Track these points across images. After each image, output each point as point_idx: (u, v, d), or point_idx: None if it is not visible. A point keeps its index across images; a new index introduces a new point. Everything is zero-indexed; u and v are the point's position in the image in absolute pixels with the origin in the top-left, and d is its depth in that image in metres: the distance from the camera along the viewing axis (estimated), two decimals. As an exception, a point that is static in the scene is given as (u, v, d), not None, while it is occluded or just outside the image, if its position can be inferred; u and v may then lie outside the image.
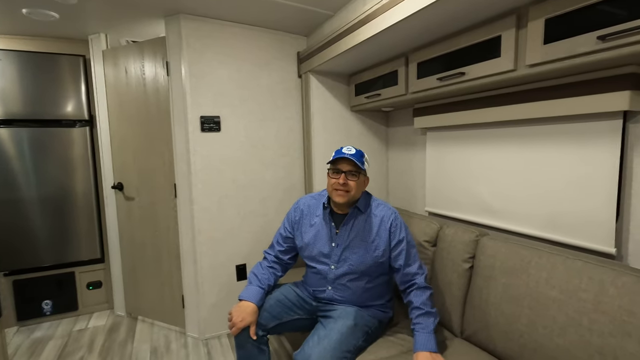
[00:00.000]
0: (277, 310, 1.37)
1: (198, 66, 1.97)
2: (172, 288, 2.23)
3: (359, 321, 1.30)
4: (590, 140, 1.21)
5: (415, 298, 1.27)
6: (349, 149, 1.35)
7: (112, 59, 2.21)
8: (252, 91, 2.13)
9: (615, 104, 1.08)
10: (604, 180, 1.18)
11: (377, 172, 2.35)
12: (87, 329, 2.31)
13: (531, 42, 1.12)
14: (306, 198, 1.55)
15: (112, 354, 2.01)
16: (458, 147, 1.75)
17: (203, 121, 2.01)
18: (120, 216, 2.38)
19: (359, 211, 1.40)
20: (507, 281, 1.23)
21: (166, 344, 2.11)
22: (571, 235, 1.29)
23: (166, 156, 2.11)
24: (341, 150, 1.35)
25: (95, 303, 2.53)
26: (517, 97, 1.37)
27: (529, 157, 1.42)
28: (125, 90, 2.20)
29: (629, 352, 0.90)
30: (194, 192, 2.02)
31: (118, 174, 2.33)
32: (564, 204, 1.31)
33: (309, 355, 1.13)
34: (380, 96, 1.89)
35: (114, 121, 2.29)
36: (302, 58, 2.17)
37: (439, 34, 1.46)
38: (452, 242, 1.48)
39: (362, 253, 1.36)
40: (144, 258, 2.32)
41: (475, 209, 1.69)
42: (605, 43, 0.93)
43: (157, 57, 2.05)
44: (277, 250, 1.52)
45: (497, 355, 1.24)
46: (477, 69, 1.31)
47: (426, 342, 1.18)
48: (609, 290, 0.97)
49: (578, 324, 1.01)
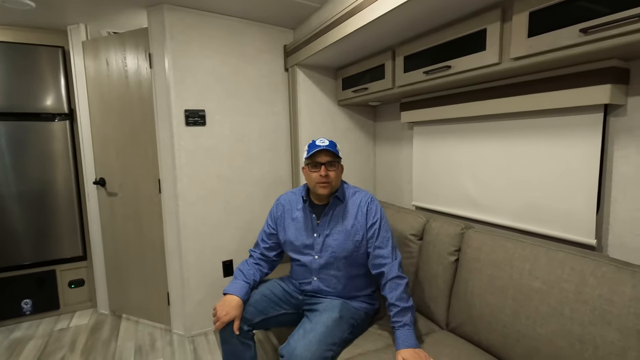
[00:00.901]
0: (263, 305, 1.36)
1: (182, 59, 1.92)
2: (157, 285, 2.19)
3: (345, 314, 1.30)
4: (573, 134, 1.23)
5: (390, 293, 1.26)
6: (322, 140, 1.35)
7: (93, 51, 2.15)
8: (238, 85, 2.10)
9: (597, 98, 1.09)
10: (585, 173, 1.20)
11: (364, 167, 2.35)
12: (69, 328, 2.25)
13: (515, 36, 1.12)
14: (287, 194, 1.55)
15: (94, 353, 1.97)
16: (444, 142, 1.76)
17: (188, 115, 1.97)
18: (102, 212, 2.32)
19: (339, 200, 1.40)
20: (492, 273, 1.24)
21: (151, 342, 2.08)
22: (553, 227, 1.31)
23: (150, 151, 2.07)
24: (315, 143, 1.35)
25: (77, 302, 2.46)
26: (501, 90, 1.38)
27: (513, 151, 1.44)
28: (107, 82, 2.14)
29: (609, 341, 0.91)
30: (179, 187, 1.98)
31: (100, 169, 2.27)
32: (547, 196, 1.32)
33: (294, 349, 1.12)
34: (367, 90, 1.88)
35: (95, 115, 2.22)
36: (289, 51, 2.15)
37: (426, 27, 1.46)
38: (438, 235, 1.48)
39: (342, 239, 1.36)
40: (127, 255, 2.27)
41: (461, 202, 1.70)
42: (588, 36, 0.94)
43: (139, 49, 2.00)
44: (262, 248, 1.51)
45: (482, 346, 1.26)
46: (463, 63, 1.32)
47: (407, 339, 1.18)
48: (590, 280, 0.99)
49: (560, 313, 1.02)
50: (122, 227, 2.25)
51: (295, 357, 1.10)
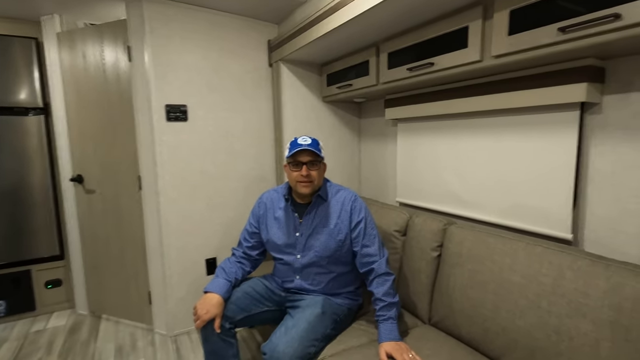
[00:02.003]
0: (245, 303, 1.34)
1: (162, 52, 1.87)
2: (138, 284, 2.14)
3: (327, 309, 1.30)
4: (550, 131, 1.26)
5: (377, 288, 1.27)
6: (304, 139, 1.34)
7: (68, 43, 2.07)
8: (221, 80, 2.06)
9: (574, 96, 1.12)
10: (562, 170, 1.23)
11: (349, 164, 2.35)
12: (46, 329, 2.18)
13: (497, 33, 1.14)
14: (269, 192, 1.53)
15: (73, 355, 1.91)
16: (427, 138, 1.78)
17: (169, 110, 1.92)
18: (80, 210, 2.25)
19: (321, 199, 1.39)
20: (473, 268, 1.26)
21: (132, 342, 2.03)
22: (533, 223, 1.34)
23: (129, 147, 2.01)
24: (297, 142, 1.33)
25: (54, 302, 2.39)
26: (483, 88, 1.40)
27: (495, 148, 1.46)
28: (83, 76, 2.06)
29: (583, 332, 0.94)
30: (160, 183, 1.94)
31: (77, 165, 2.20)
32: (526, 193, 1.35)
33: (276, 346, 1.12)
34: (352, 86, 1.87)
35: (72, 109, 2.15)
36: (273, 46, 2.12)
37: (409, 23, 1.46)
38: (421, 231, 1.50)
39: (325, 238, 1.36)
40: (107, 254, 2.21)
41: (444, 198, 1.72)
42: (566, 35, 0.95)
43: (117, 42, 1.94)
44: (245, 247, 1.49)
45: (463, 339, 1.28)
46: (446, 60, 1.33)
47: (390, 333, 1.20)
48: (567, 274, 1.01)
49: (537, 306, 1.05)
50: (101, 225, 2.19)
51: (277, 353, 1.10)
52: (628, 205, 1.10)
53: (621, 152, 1.11)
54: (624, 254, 1.12)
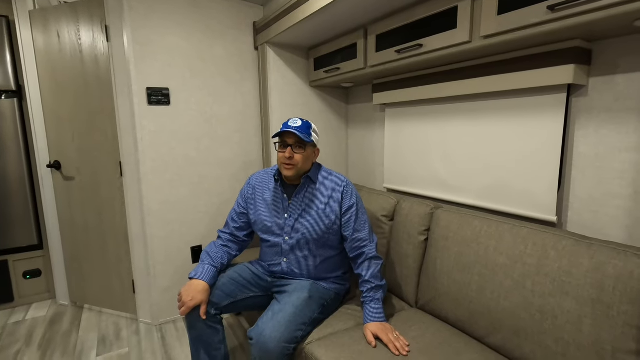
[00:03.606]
0: (231, 289, 1.32)
1: (142, 32, 1.80)
2: (121, 273, 2.09)
3: (314, 293, 1.29)
4: (538, 115, 1.26)
5: (366, 271, 1.28)
6: (294, 121, 1.31)
7: (42, 21, 1.96)
8: (205, 62, 2.00)
9: (561, 78, 1.12)
10: (548, 153, 1.23)
11: (336, 150, 2.33)
12: (25, 320, 2.12)
13: (486, 13, 1.12)
14: (259, 173, 1.51)
15: (53, 346, 1.86)
16: (415, 123, 1.77)
17: (150, 93, 1.85)
18: (59, 198, 2.17)
19: (311, 181, 1.38)
20: (459, 250, 1.26)
21: (116, 332, 1.99)
22: (519, 206, 1.35)
23: (109, 132, 1.94)
24: (287, 123, 1.31)
25: (34, 293, 2.32)
26: (471, 71, 1.39)
27: (482, 132, 1.46)
28: (59, 57, 1.97)
29: (566, 310, 0.96)
30: (142, 170, 1.88)
31: (54, 151, 2.11)
32: (513, 176, 1.36)
33: (263, 330, 1.10)
34: (340, 70, 1.84)
35: (47, 92, 2.05)
36: (259, 28, 2.06)
37: (398, 4, 1.43)
38: (409, 215, 1.50)
39: (314, 221, 1.34)
40: (88, 242, 2.14)
41: (431, 183, 1.72)
42: (554, 13, 0.94)
43: (94, 21, 1.85)
44: (232, 228, 1.46)
45: (449, 321, 1.29)
46: (434, 41, 1.30)
47: (376, 314, 1.21)
48: (551, 254, 1.02)
49: (522, 286, 1.06)
50: (81, 213, 2.12)
51: (263, 338, 1.08)
52: (610, 188, 1.12)
53: (604, 135, 1.12)
54: (605, 235, 1.14)
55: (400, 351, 1.08)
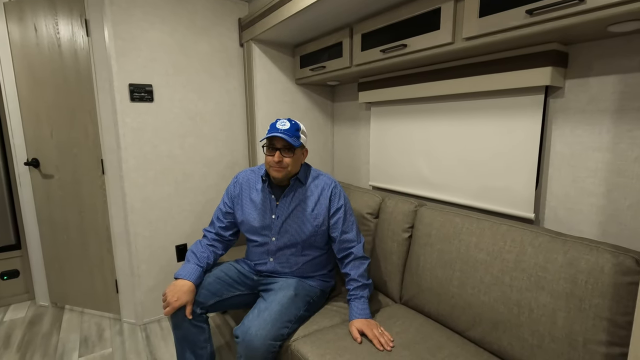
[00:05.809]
0: (217, 287, 1.32)
1: (124, 27, 1.76)
2: (104, 272, 2.05)
3: (300, 291, 1.31)
4: (517, 115, 1.29)
5: (353, 270, 1.30)
6: (282, 123, 1.28)
7: (17, 14, 1.89)
8: (190, 59, 1.97)
9: (539, 79, 1.15)
10: (526, 152, 1.27)
11: (322, 148, 2.34)
12: (3, 322, 2.06)
13: (468, 16, 1.14)
14: (245, 172, 1.49)
15: (33, 348, 1.82)
16: (399, 122, 1.79)
17: (132, 90, 1.82)
18: (37, 196, 2.11)
19: (300, 182, 1.38)
20: (441, 247, 1.30)
21: (98, 332, 1.96)
22: (498, 204, 1.39)
23: (90, 128, 1.89)
24: (275, 126, 1.28)
25: (12, 294, 2.26)
26: (454, 72, 1.42)
27: (464, 131, 1.49)
28: (36, 51, 1.90)
29: (542, 304, 1.00)
30: (125, 168, 1.84)
31: (32, 148, 2.05)
32: (493, 175, 1.40)
33: (249, 328, 1.11)
34: (325, 69, 1.85)
35: (24, 88, 1.98)
36: (244, 25, 2.04)
37: (383, 4, 1.44)
38: (393, 213, 1.52)
39: (302, 222, 1.35)
40: (68, 242, 2.09)
41: (415, 181, 1.75)
42: (533, 17, 0.97)
43: (73, 14, 1.79)
44: (217, 227, 1.45)
45: (432, 316, 1.33)
46: (418, 41, 1.32)
47: (362, 311, 1.23)
48: (528, 250, 1.06)
49: (501, 282, 1.10)
50: (60, 211, 2.07)
51: (249, 336, 1.09)
52: (584, 185, 1.16)
53: (578, 135, 1.17)
54: (579, 231, 1.19)
55: (384, 346, 1.10)
